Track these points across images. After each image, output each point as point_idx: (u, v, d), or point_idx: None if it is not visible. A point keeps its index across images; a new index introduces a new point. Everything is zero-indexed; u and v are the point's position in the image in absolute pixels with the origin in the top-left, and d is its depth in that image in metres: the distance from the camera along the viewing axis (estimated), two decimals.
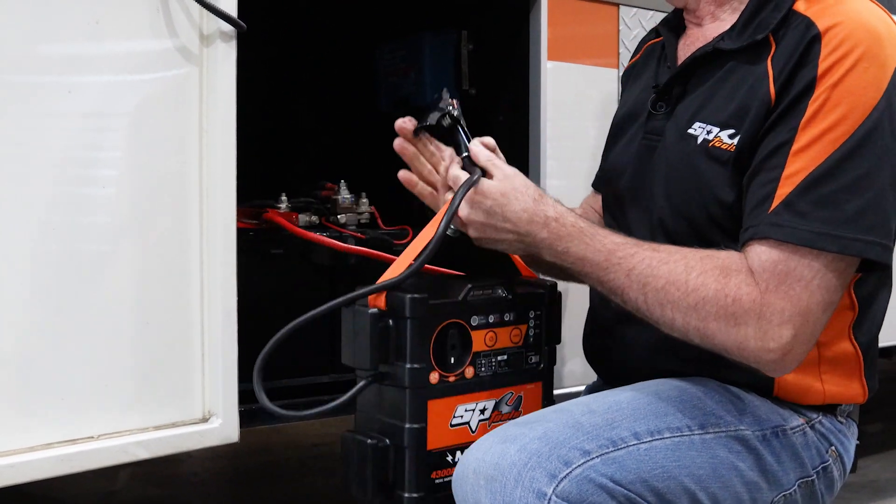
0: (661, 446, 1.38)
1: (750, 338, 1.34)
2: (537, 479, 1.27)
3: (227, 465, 3.36)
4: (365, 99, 2.51)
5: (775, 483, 1.46)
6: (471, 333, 1.50)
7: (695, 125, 1.49)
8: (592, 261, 1.44)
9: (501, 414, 1.54)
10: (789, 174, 1.36)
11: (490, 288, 1.53)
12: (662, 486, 1.36)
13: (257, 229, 1.93)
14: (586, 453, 1.32)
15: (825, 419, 1.51)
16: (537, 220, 1.47)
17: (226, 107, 1.60)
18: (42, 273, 1.46)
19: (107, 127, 1.52)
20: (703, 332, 1.37)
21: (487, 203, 1.48)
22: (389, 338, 1.45)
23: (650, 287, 1.39)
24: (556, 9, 2.05)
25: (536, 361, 1.58)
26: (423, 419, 1.45)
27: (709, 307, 1.35)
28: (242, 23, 1.59)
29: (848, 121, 1.35)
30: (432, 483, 1.46)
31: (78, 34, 1.48)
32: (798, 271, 1.33)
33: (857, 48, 1.36)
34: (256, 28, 1.65)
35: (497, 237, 1.50)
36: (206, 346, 1.61)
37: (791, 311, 1.33)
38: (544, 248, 1.48)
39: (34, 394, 1.46)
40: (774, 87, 1.40)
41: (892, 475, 3.19)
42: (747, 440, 1.44)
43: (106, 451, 1.51)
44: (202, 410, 1.62)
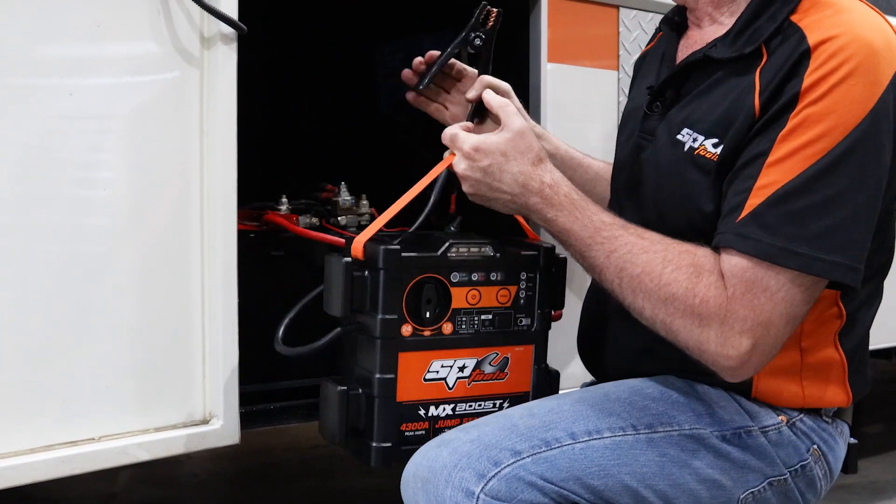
0: (598, 445, 1.41)
1: (711, 341, 1.36)
2: (466, 479, 1.33)
3: (228, 467, 3.36)
4: (365, 100, 2.51)
5: (740, 481, 1.47)
6: (450, 290, 1.51)
7: (683, 132, 1.49)
8: (578, 235, 1.46)
9: (484, 373, 1.55)
10: (761, 185, 1.35)
11: (477, 246, 1.54)
12: (599, 483, 1.39)
13: (258, 231, 1.93)
14: (517, 453, 1.36)
15: (807, 418, 1.51)
16: (532, 185, 1.48)
17: (226, 109, 1.60)
18: (43, 275, 1.46)
19: (108, 129, 1.52)
20: (669, 327, 1.39)
21: (486, 162, 1.49)
22: (364, 287, 1.47)
23: (626, 273, 1.41)
24: (556, 11, 2.05)
25: (528, 324, 1.59)
26: (394, 370, 1.48)
27: (677, 304, 1.37)
28: (243, 25, 1.59)
29: (827, 137, 1.34)
30: (401, 435, 1.50)
31: (79, 37, 1.48)
32: (764, 282, 1.34)
33: (847, 63, 1.34)
34: (257, 30, 1.65)
35: (491, 196, 1.51)
36: (206, 347, 1.61)
37: (753, 321, 1.34)
38: (534, 212, 1.49)
39: (35, 395, 1.46)
40: (759, 101, 1.39)
41: (892, 476, 3.19)
42: (704, 439, 1.45)
43: (107, 453, 1.52)
44: (203, 412, 1.62)
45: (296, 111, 2.59)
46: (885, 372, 4.74)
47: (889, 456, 3.43)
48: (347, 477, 3.21)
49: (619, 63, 2.16)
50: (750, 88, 1.41)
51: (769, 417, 1.49)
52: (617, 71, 2.16)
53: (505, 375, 1.57)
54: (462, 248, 1.53)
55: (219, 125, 1.59)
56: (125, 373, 1.54)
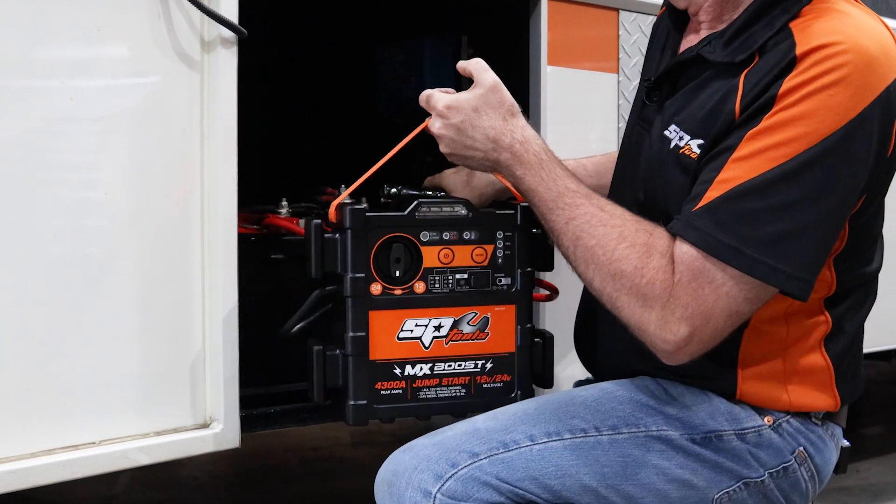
0: (557, 447, 1.43)
1: (651, 322, 1.37)
2: (425, 480, 1.37)
3: (228, 469, 3.36)
4: (365, 103, 2.51)
5: (714, 481, 1.47)
6: (420, 249, 1.54)
7: (671, 128, 1.49)
8: (542, 196, 1.47)
9: (462, 333, 1.57)
10: (722, 179, 1.35)
11: (448, 205, 1.56)
12: (556, 483, 1.41)
13: (258, 234, 1.93)
14: (474, 455, 1.40)
15: (794, 420, 1.51)
16: (502, 141, 1.49)
17: (227, 112, 1.60)
18: (43, 278, 1.46)
19: (108, 132, 1.52)
20: (614, 303, 1.41)
21: (458, 118, 1.50)
22: (334, 248, 1.51)
23: (581, 243, 1.43)
24: (556, 14, 2.05)
25: (507, 284, 1.59)
26: (364, 328, 1.51)
27: (625, 280, 1.39)
28: (243, 29, 1.59)
29: (796, 143, 1.32)
30: (377, 393, 1.53)
31: (80, 40, 1.48)
32: (710, 274, 1.35)
33: (834, 71, 1.32)
34: (257, 33, 1.65)
35: (465, 154, 1.52)
36: (207, 351, 1.61)
37: (694, 310, 1.35)
38: (504, 168, 1.51)
39: (35, 399, 1.46)
40: (740, 105, 1.38)
41: (891, 478, 3.19)
42: (672, 440, 1.46)
43: (107, 457, 1.52)
44: (203, 416, 1.62)
45: (296, 114, 2.59)
46: (884, 373, 4.74)
47: (889, 458, 3.44)
48: (347, 478, 3.22)
49: (619, 66, 2.16)
50: (734, 91, 1.40)
51: (750, 420, 1.50)
52: (617, 74, 2.16)
53: (486, 335, 1.58)
54: (433, 208, 1.55)
55: (219, 128, 1.59)
56: (125, 376, 1.54)
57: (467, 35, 2.26)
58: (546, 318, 2.03)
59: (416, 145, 1.94)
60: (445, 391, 1.57)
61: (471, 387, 1.58)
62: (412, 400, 1.56)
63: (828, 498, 2.90)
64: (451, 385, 1.57)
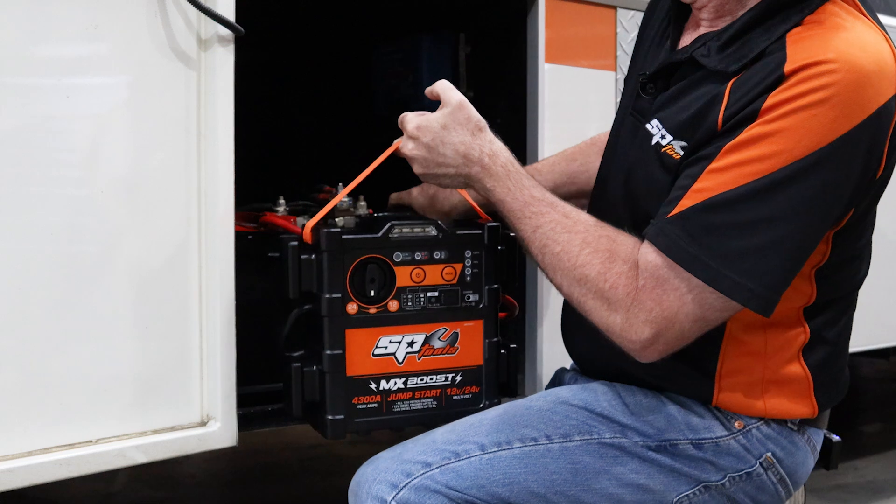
0: (506, 455, 1.49)
1: (616, 324, 1.41)
2: (381, 490, 1.46)
3: (226, 467, 3.36)
4: (362, 101, 2.51)
5: (671, 485, 1.50)
6: (394, 269, 1.59)
7: (653, 122, 1.50)
8: (510, 207, 1.51)
9: (434, 348, 1.63)
10: (696, 188, 1.36)
11: (420, 227, 1.61)
12: (503, 490, 1.48)
13: (255, 233, 1.92)
14: (427, 465, 1.48)
15: (765, 426, 1.52)
16: (472, 155, 1.52)
17: (224, 110, 1.60)
18: (40, 276, 1.46)
19: (105, 131, 1.52)
20: (582, 307, 1.45)
21: (428, 138, 1.54)
22: (311, 269, 1.56)
23: (548, 250, 1.47)
24: (553, 11, 2.05)
25: (476, 300, 1.65)
26: (341, 346, 1.56)
27: (589, 285, 1.42)
28: (240, 27, 1.59)
29: (771, 160, 1.32)
30: (353, 407, 1.58)
31: (76, 38, 1.48)
32: (675, 282, 1.37)
33: (821, 90, 1.31)
34: (254, 31, 1.65)
35: (438, 172, 1.55)
36: (204, 349, 1.61)
37: (658, 314, 1.38)
38: (475, 182, 1.54)
39: (33, 398, 1.46)
40: (723, 115, 1.38)
41: (890, 476, 3.19)
42: (625, 447, 1.50)
43: (104, 455, 1.52)
44: (200, 414, 1.62)
45: (293, 112, 2.59)
46: (883, 371, 4.74)
47: (887, 455, 3.44)
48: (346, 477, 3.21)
49: (617, 63, 2.16)
50: (719, 99, 1.40)
51: (708, 431, 1.51)
52: (614, 71, 2.16)
53: (455, 350, 1.64)
54: (405, 229, 1.60)
55: (216, 127, 1.59)
56: (123, 375, 1.54)
57: (465, 33, 2.26)
58: (541, 310, 2.03)
59: None
60: (418, 403, 1.63)
61: (442, 399, 1.64)
62: (387, 413, 1.61)
63: (826, 496, 2.91)
64: (423, 398, 1.63)
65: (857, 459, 3.28)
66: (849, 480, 3.06)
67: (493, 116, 2.18)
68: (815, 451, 1.59)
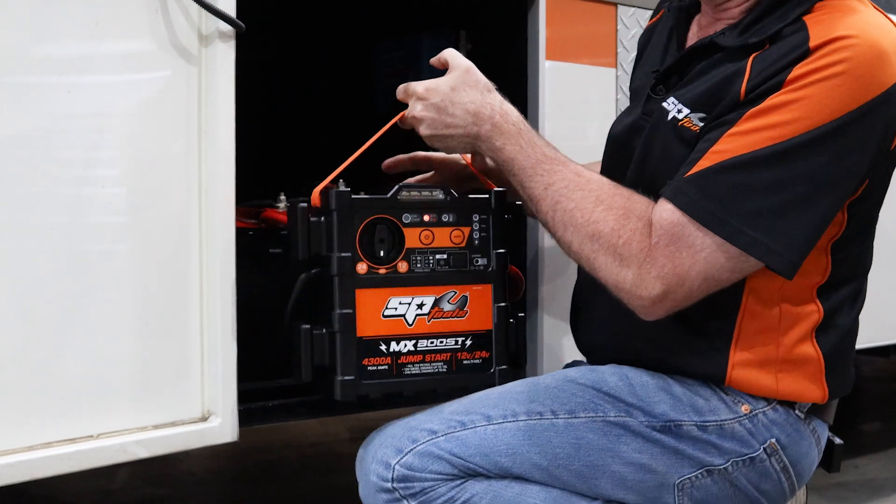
0: (511, 427, 1.52)
1: (627, 280, 1.42)
2: (387, 454, 1.51)
3: (226, 464, 3.37)
4: (363, 99, 2.51)
5: (673, 467, 1.52)
6: (402, 230, 1.60)
7: (669, 100, 1.53)
8: (520, 164, 1.52)
9: (443, 311, 1.64)
10: (716, 150, 1.40)
11: (428, 190, 1.63)
12: (506, 460, 1.51)
13: (256, 229, 1.93)
14: (433, 433, 1.52)
15: (773, 411, 1.53)
16: (483, 113, 1.54)
17: (225, 107, 1.60)
18: (41, 273, 1.46)
19: (106, 127, 1.52)
20: (592, 263, 1.46)
21: (437, 98, 1.56)
22: (320, 231, 1.57)
23: (560, 207, 1.47)
24: (554, 9, 2.05)
25: (484, 264, 1.66)
26: (351, 306, 1.57)
27: (602, 241, 1.44)
28: (241, 23, 1.59)
29: (790, 126, 1.36)
30: (364, 368, 1.58)
31: (77, 34, 1.48)
32: (689, 239, 1.39)
33: (842, 63, 1.36)
34: (255, 28, 1.65)
35: (447, 132, 1.57)
36: (205, 345, 1.61)
37: (670, 270, 1.40)
38: (484, 141, 1.55)
39: (33, 393, 1.46)
40: (747, 86, 1.42)
41: (890, 474, 3.19)
42: (630, 427, 1.52)
43: (105, 450, 1.52)
44: (201, 409, 1.62)
45: (294, 109, 2.59)
46: (883, 370, 4.74)
47: (887, 454, 3.43)
48: (346, 474, 3.21)
49: (618, 60, 2.16)
50: (741, 73, 1.44)
51: (713, 413, 1.52)
52: (615, 68, 2.16)
53: (465, 313, 1.65)
54: (413, 192, 1.63)
55: (217, 123, 1.59)
56: (123, 370, 1.54)
57: (465, 31, 2.26)
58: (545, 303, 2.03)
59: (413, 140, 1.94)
60: (428, 367, 1.63)
61: (452, 363, 1.64)
62: (398, 376, 1.61)
63: (826, 494, 2.90)
64: (433, 361, 1.63)
65: (857, 458, 3.28)
66: (849, 479, 3.06)
67: None
68: (819, 444, 1.59)
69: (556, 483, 1.52)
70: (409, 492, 1.49)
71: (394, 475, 1.49)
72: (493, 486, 1.51)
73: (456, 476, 1.50)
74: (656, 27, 1.78)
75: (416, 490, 1.49)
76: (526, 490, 1.52)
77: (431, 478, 1.49)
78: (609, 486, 1.52)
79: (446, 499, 1.50)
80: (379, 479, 1.51)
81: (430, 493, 1.49)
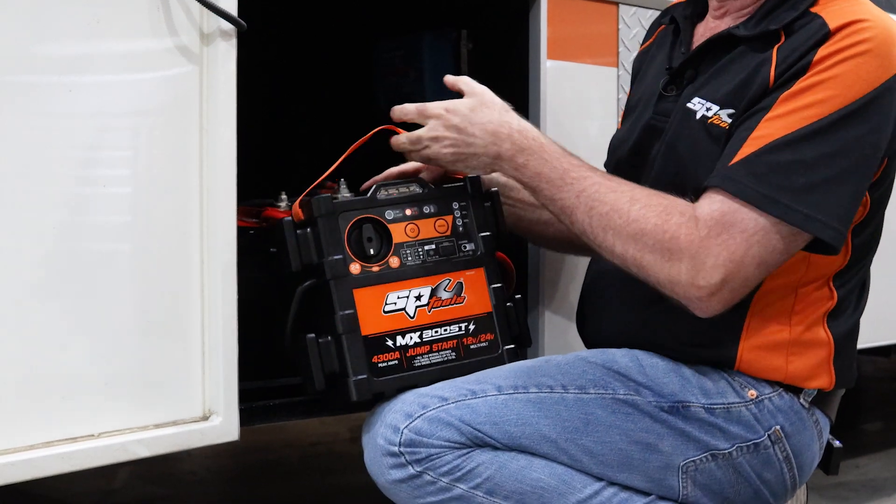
0: (522, 398, 1.53)
1: (682, 273, 1.42)
2: (396, 419, 1.51)
3: (227, 464, 3.36)
4: (364, 98, 2.51)
5: (679, 448, 1.53)
6: (388, 227, 1.62)
7: (695, 100, 1.55)
8: (548, 177, 1.53)
9: (441, 300, 1.66)
10: (756, 136, 1.42)
11: (404, 185, 1.66)
12: (516, 430, 1.51)
13: (257, 228, 1.93)
14: (443, 399, 1.52)
15: (778, 398, 1.55)
16: (502, 132, 1.56)
17: (226, 106, 1.60)
18: (42, 272, 1.46)
19: (107, 126, 1.52)
20: (640, 263, 1.46)
21: (457, 119, 1.57)
22: (307, 241, 1.59)
23: (595, 211, 1.48)
24: (555, 8, 2.05)
25: (472, 249, 1.69)
26: (352, 306, 1.58)
27: (647, 239, 1.44)
28: (243, 21, 1.59)
29: (826, 104, 1.41)
30: (374, 367, 1.59)
31: (78, 33, 1.48)
32: (742, 224, 1.40)
33: (864, 43, 1.42)
34: (256, 26, 1.65)
35: (467, 152, 1.58)
36: (206, 344, 1.61)
37: (726, 257, 1.40)
38: (506, 160, 1.56)
39: (34, 392, 1.46)
40: (775, 73, 1.46)
41: (891, 474, 3.19)
42: (639, 405, 1.53)
43: (106, 450, 1.52)
44: (202, 408, 1.62)
45: (296, 108, 2.59)
46: (884, 370, 4.74)
47: (888, 454, 3.43)
48: (347, 474, 3.21)
49: (619, 60, 2.16)
50: (766, 61, 1.48)
51: (721, 396, 1.54)
52: (616, 68, 2.16)
53: (463, 299, 1.67)
54: (391, 189, 1.65)
55: (219, 122, 1.59)
56: (124, 369, 1.54)
57: (466, 30, 2.26)
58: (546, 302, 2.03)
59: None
60: (437, 356, 1.64)
61: (459, 349, 1.66)
62: (409, 369, 1.62)
63: (827, 493, 2.90)
64: (441, 350, 1.64)
65: (858, 458, 3.28)
66: (850, 478, 3.06)
67: None
68: (821, 438, 1.60)
69: (563, 457, 1.52)
70: (415, 457, 1.49)
71: (401, 439, 1.49)
72: (499, 457, 1.51)
73: (463, 445, 1.50)
74: (650, 49, 1.82)
75: (421, 456, 1.49)
76: (532, 463, 1.52)
77: (439, 444, 1.49)
78: (615, 464, 1.53)
79: (451, 467, 1.49)
80: (386, 442, 1.50)
81: (435, 459, 1.49)
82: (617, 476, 1.53)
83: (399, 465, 1.50)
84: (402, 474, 1.50)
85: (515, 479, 1.50)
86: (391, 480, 1.51)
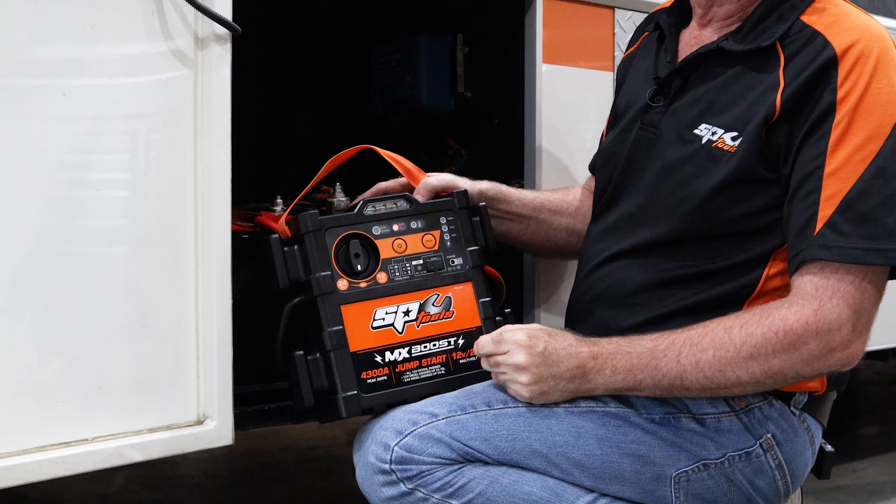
0: (512, 413, 1.53)
1: (815, 349, 1.42)
2: (387, 436, 1.51)
3: (223, 468, 3.36)
4: (360, 101, 2.51)
5: (671, 459, 1.52)
6: (375, 242, 1.63)
7: (701, 126, 1.55)
8: (640, 366, 1.48)
9: (430, 315, 1.66)
10: (827, 197, 1.42)
11: (391, 201, 1.67)
12: (506, 445, 1.51)
13: (252, 232, 1.93)
14: (434, 416, 1.52)
15: (768, 406, 1.55)
16: (582, 353, 1.51)
17: (221, 110, 1.60)
18: (37, 276, 1.46)
19: (102, 130, 1.52)
20: (771, 372, 1.44)
21: (542, 345, 1.51)
22: (294, 258, 1.59)
23: (703, 361, 1.45)
24: (551, 12, 2.05)
25: (460, 264, 1.69)
26: (339, 322, 1.58)
27: (763, 350, 1.42)
28: (237, 26, 1.59)
29: (874, 139, 1.42)
30: (364, 383, 1.59)
31: (73, 37, 1.48)
32: (849, 278, 1.41)
33: (870, 67, 1.43)
34: (251, 31, 1.65)
35: (551, 374, 1.50)
36: (200, 348, 1.61)
37: (847, 312, 1.41)
38: (592, 377, 1.51)
39: (28, 396, 1.46)
40: (781, 98, 1.45)
41: (889, 478, 3.19)
42: (629, 418, 1.53)
43: (100, 454, 1.51)
44: (197, 413, 1.62)
45: (291, 112, 2.59)
46: (881, 373, 4.74)
47: (885, 457, 3.43)
48: (344, 478, 3.21)
49: (615, 64, 2.16)
50: (774, 86, 1.47)
51: (716, 405, 1.53)
52: (612, 72, 2.16)
53: (452, 314, 1.67)
54: (378, 205, 1.66)
55: (213, 126, 1.59)
56: (119, 373, 1.54)
57: (462, 33, 2.27)
58: None
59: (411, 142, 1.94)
60: (427, 371, 1.64)
61: (449, 363, 1.65)
62: (398, 384, 1.61)
63: (824, 497, 2.90)
64: (430, 364, 1.64)
65: (855, 461, 3.28)
66: (847, 482, 3.06)
67: (490, 117, 2.20)
68: (813, 444, 1.60)
69: (554, 471, 1.52)
70: (407, 474, 1.49)
71: (392, 456, 1.49)
72: (491, 472, 1.51)
73: (454, 461, 1.50)
74: (634, 56, 1.82)
75: (413, 473, 1.49)
76: (523, 478, 1.51)
77: (430, 461, 1.49)
78: (607, 476, 1.52)
79: (443, 483, 1.49)
80: (377, 459, 1.50)
81: (427, 476, 1.49)
82: (609, 488, 1.53)
83: (391, 483, 1.49)
84: (394, 492, 1.49)
85: (507, 493, 1.50)
86: (383, 498, 1.50)
